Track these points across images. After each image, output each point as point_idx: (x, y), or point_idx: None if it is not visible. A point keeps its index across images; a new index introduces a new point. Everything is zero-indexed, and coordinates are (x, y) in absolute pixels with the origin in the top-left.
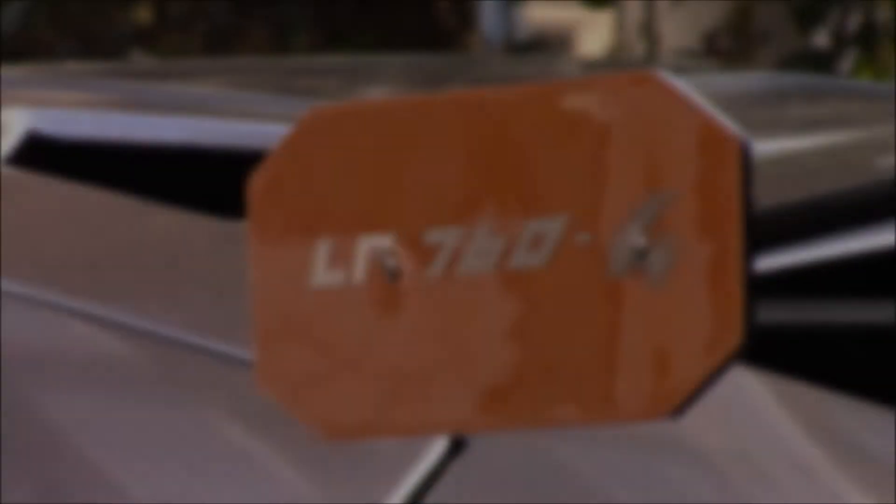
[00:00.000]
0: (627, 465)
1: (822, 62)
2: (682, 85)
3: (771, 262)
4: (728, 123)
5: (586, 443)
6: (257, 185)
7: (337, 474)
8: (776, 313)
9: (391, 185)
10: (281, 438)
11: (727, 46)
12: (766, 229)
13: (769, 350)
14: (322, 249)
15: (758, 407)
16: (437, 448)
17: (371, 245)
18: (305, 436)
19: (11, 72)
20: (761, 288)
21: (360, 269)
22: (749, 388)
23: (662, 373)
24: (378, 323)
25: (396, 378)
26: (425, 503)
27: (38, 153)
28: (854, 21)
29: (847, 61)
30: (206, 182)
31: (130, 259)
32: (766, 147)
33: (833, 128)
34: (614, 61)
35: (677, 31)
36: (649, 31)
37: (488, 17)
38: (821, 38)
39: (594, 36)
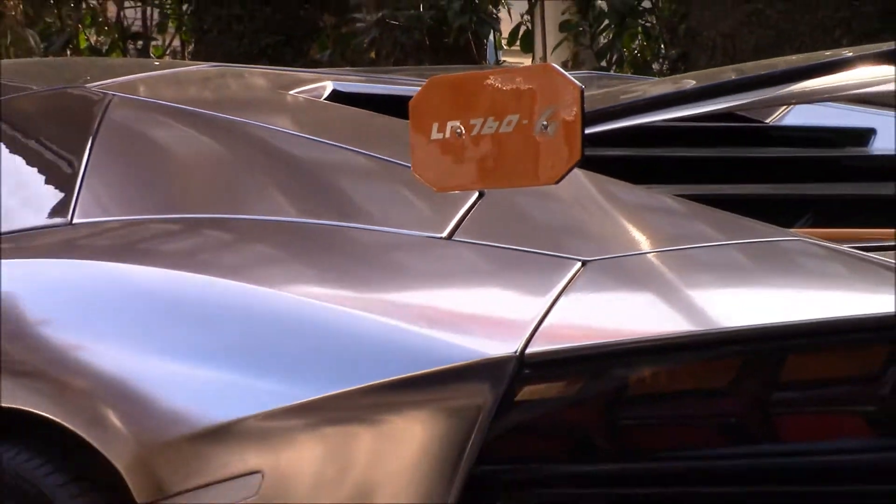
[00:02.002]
0: (539, 203)
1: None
2: (559, 68)
3: (592, 130)
4: (575, 81)
5: (527, 194)
6: (413, 104)
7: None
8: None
9: (459, 104)
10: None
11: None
12: (589, 118)
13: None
14: (435, 126)
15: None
16: (473, 195)
17: (451, 124)
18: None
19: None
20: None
21: (448, 133)
22: (577, 173)
23: (552, 168)
24: (454, 153)
25: (459, 170)
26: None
27: (336, 98)
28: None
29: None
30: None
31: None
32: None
33: (591, 87)
34: None
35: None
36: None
37: (489, 59)
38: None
39: None
